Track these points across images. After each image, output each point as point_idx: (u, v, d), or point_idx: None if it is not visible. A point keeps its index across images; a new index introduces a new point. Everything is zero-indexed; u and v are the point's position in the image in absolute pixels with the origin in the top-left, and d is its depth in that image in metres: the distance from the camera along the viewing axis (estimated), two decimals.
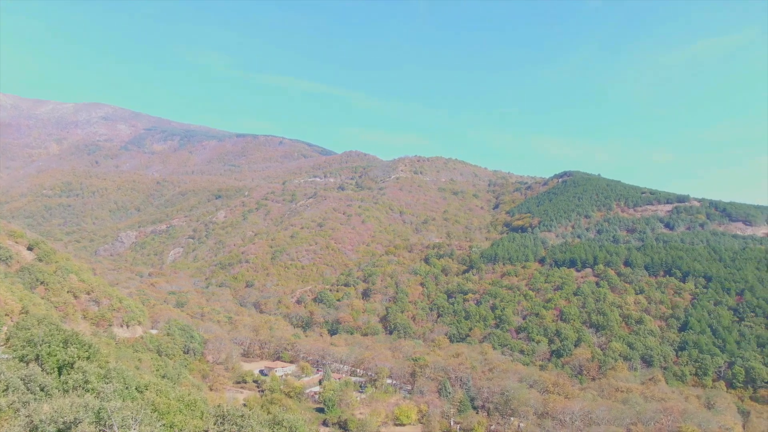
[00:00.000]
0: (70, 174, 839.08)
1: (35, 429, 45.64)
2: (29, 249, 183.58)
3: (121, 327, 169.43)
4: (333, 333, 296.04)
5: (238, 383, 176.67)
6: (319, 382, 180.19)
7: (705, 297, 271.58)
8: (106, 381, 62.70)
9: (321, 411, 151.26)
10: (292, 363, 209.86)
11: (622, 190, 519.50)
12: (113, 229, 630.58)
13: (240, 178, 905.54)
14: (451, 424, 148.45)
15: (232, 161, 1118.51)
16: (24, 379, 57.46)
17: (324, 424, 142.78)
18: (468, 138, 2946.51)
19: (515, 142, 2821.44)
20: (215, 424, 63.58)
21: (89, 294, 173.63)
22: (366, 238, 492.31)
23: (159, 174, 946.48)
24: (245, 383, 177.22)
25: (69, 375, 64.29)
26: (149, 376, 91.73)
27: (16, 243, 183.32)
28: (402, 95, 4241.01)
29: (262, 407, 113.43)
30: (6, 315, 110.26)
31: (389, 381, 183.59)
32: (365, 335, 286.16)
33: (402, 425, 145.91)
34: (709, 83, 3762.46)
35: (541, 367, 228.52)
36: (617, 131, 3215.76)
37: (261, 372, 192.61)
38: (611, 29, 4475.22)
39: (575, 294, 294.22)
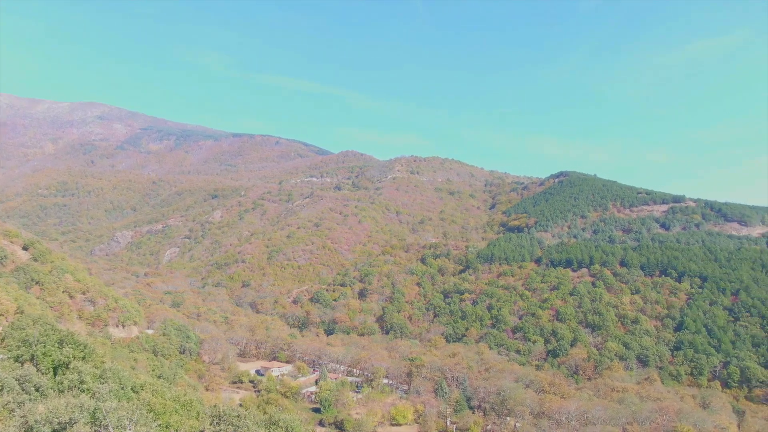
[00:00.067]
0: (65, 173, 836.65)
1: (30, 429, 45.52)
2: (24, 249, 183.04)
3: (117, 327, 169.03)
4: (329, 333, 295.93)
5: (234, 383, 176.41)
6: (316, 382, 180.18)
7: (700, 297, 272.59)
8: (101, 381, 62.58)
9: (317, 411, 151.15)
10: (288, 363, 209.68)
11: (618, 190, 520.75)
12: (109, 229, 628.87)
13: (236, 177, 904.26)
14: (448, 424, 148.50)
15: (228, 161, 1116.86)
16: (19, 380, 57.30)
17: (320, 424, 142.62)
18: (465, 138, 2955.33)
19: (512, 142, 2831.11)
20: (211, 424, 63.52)
21: (85, 294, 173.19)
22: (362, 238, 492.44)
23: (155, 174, 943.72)
24: (241, 383, 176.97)
25: (64, 375, 64.15)
26: (145, 376, 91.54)
27: (11, 243, 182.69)
28: (399, 95, 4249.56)
29: (258, 407, 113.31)
30: (1, 315, 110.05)
31: (386, 381, 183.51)
32: (362, 335, 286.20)
33: (398, 425, 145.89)
34: (706, 84, 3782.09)
35: (537, 367, 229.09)
36: (613, 131, 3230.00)
37: (257, 372, 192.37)
38: (608, 30, 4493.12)
39: (571, 294, 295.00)
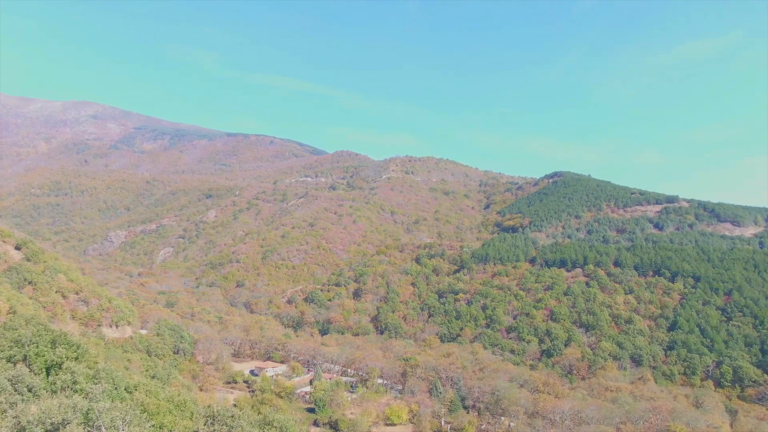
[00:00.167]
0: (58, 173, 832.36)
1: (23, 430, 45.24)
2: (17, 248, 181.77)
3: (111, 327, 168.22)
4: (324, 333, 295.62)
5: (228, 383, 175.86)
6: (310, 382, 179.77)
7: (693, 297, 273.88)
8: (94, 382, 62.24)
9: (312, 411, 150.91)
10: (282, 363, 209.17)
11: (612, 190, 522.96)
12: (102, 229, 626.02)
13: (231, 177, 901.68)
14: (442, 423, 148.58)
15: (222, 161, 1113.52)
16: (11, 380, 56.91)
17: (315, 424, 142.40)
18: (459, 138, 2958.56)
19: (506, 142, 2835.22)
20: (205, 424, 63.32)
21: (78, 294, 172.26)
22: (357, 238, 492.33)
23: (149, 173, 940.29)
24: (235, 383, 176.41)
25: (57, 376, 63.77)
26: (138, 376, 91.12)
27: (3, 242, 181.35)
28: (394, 95, 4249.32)
29: (252, 407, 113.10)
30: None
31: (380, 381, 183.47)
32: (356, 335, 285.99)
33: (393, 425, 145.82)
34: (699, 85, 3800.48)
35: (532, 367, 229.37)
36: (607, 132, 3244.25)
37: (251, 372, 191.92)
38: (602, 30, 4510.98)
39: (565, 294, 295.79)
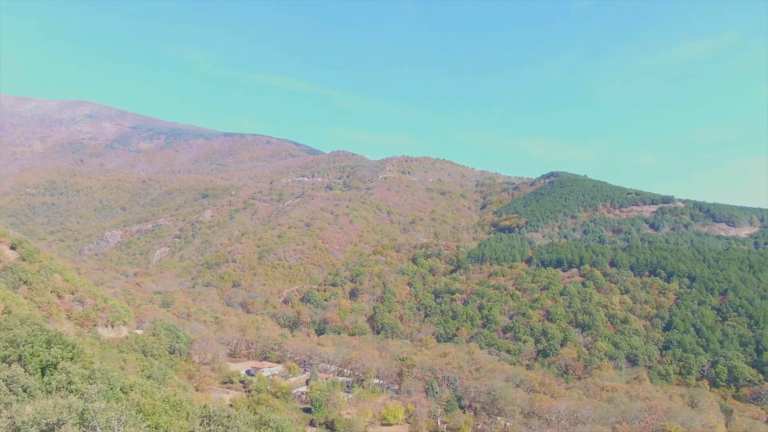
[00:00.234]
0: (54, 172, 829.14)
1: (18, 430, 45.08)
2: (12, 248, 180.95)
3: (106, 327, 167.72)
4: (320, 333, 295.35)
5: (224, 383, 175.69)
6: (306, 382, 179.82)
7: (689, 297, 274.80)
8: (90, 382, 62.10)
9: (308, 411, 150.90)
10: (279, 363, 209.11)
11: (608, 190, 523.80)
12: (98, 229, 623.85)
13: (227, 177, 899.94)
14: (438, 423, 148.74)
15: (219, 160, 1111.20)
16: (6, 380, 56.68)
17: (311, 424, 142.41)
18: (456, 138, 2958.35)
19: (503, 142, 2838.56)
20: (201, 424, 63.19)
21: (73, 294, 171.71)
22: (353, 237, 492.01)
23: (145, 173, 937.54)
24: (232, 383, 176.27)
25: (52, 376, 63.56)
26: (134, 376, 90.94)
27: None
28: (390, 95, 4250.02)
29: (248, 407, 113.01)
30: None
31: (376, 381, 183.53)
32: (352, 335, 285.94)
33: (389, 425, 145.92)
34: (694, 85, 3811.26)
35: (528, 367, 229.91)
36: (603, 132, 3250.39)
37: (248, 372, 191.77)
38: (598, 31, 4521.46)
39: (561, 294, 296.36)
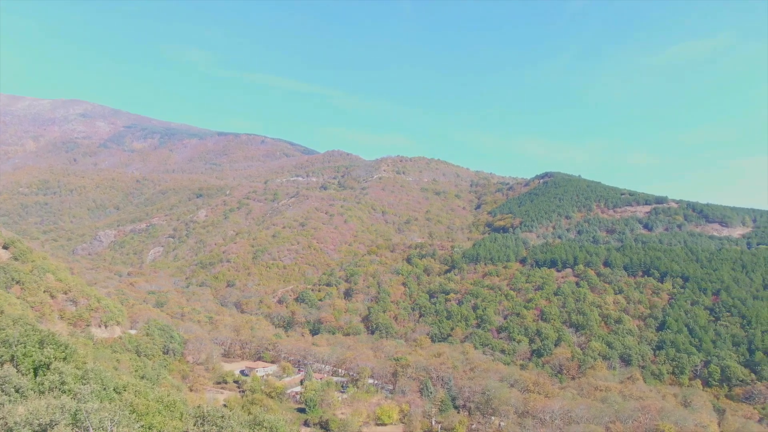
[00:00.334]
0: (47, 172, 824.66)
1: (10, 431, 44.78)
2: (5, 248, 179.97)
3: (99, 327, 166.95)
4: (315, 333, 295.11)
5: (218, 384, 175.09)
6: (301, 382, 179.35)
7: (682, 297, 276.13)
8: (83, 382, 61.78)
9: (302, 411, 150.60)
10: (273, 363, 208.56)
11: (602, 191, 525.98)
12: (91, 228, 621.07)
13: (221, 177, 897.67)
14: (433, 423, 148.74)
15: (213, 160, 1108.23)
16: None
17: (305, 424, 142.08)
18: (451, 138, 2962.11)
19: (498, 142, 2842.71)
20: (195, 425, 63.02)
21: (66, 294, 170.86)
22: (348, 237, 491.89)
23: (139, 172, 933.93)
24: (226, 384, 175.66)
25: (45, 376, 63.21)
26: (128, 377, 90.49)
27: None
28: (385, 95, 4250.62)
29: (242, 408, 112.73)
30: None
31: (371, 381, 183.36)
32: (347, 335, 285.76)
33: (383, 425, 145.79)
34: (689, 86, 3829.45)
35: (522, 367, 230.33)
36: (597, 133, 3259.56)
37: (242, 372, 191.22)
38: (593, 32, 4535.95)
39: (555, 294, 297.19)
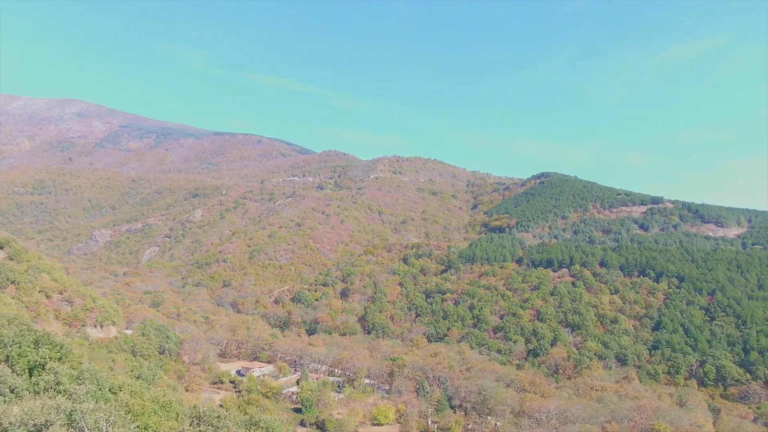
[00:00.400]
0: (42, 171, 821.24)
1: (5, 431, 44.62)
2: (0, 247, 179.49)
3: (95, 327, 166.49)
4: (311, 333, 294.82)
5: (214, 384, 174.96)
6: (297, 382, 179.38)
7: (678, 297, 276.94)
8: (78, 382, 61.61)
9: (299, 411, 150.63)
10: (269, 363, 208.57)
11: (598, 191, 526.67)
12: (87, 228, 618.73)
13: (217, 176, 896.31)
14: (429, 423, 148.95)
15: (209, 159, 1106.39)
16: None
17: (301, 424, 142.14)
18: (447, 139, 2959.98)
19: (494, 143, 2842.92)
20: (191, 425, 62.92)
21: (62, 294, 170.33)
22: (345, 237, 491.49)
23: (135, 172, 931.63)
24: (222, 384, 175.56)
25: (40, 376, 63.01)
26: (123, 377, 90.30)
27: None
28: (382, 95, 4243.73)
29: (238, 408, 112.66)
30: None
31: (367, 381, 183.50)
32: (343, 335, 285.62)
33: (380, 425, 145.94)
34: (684, 87, 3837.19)
35: (518, 367, 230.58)
36: (594, 133, 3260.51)
37: (238, 372, 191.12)
38: (589, 33, 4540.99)
39: (552, 294, 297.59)
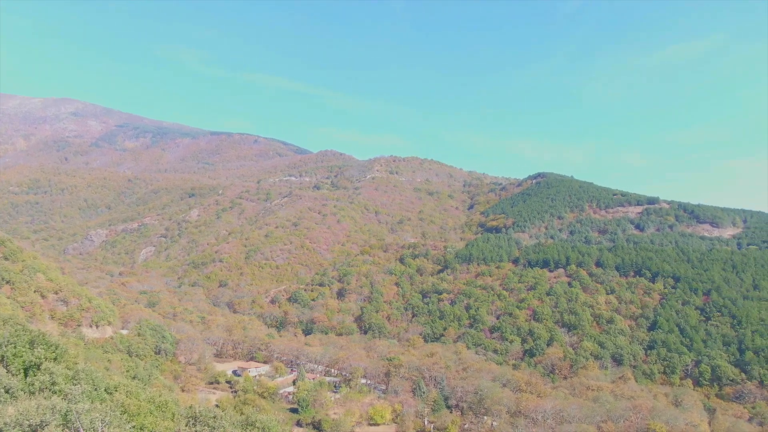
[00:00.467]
0: (38, 171, 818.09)
1: None
2: None
3: (91, 327, 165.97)
4: (307, 333, 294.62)
5: (210, 384, 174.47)
6: (293, 382, 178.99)
7: (673, 297, 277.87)
8: (74, 382, 61.36)
9: (295, 411, 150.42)
10: (265, 363, 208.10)
11: (594, 191, 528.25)
12: (83, 228, 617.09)
13: (214, 176, 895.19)
14: (425, 423, 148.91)
15: (205, 159, 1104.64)
16: None
17: (298, 424, 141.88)
18: (444, 139, 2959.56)
19: (490, 143, 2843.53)
20: (187, 425, 62.79)
21: (57, 293, 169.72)
22: (341, 237, 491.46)
23: (131, 171, 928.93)
24: (218, 384, 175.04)
25: (35, 376, 62.73)
26: (119, 377, 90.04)
27: None
28: (379, 95, 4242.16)
29: (235, 408, 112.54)
30: None
31: (364, 381, 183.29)
32: (340, 335, 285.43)
33: (376, 425, 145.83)
34: (680, 88, 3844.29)
35: (514, 367, 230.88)
36: (590, 133, 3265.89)
37: (234, 372, 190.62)
38: (585, 33, 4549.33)
39: (548, 294, 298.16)
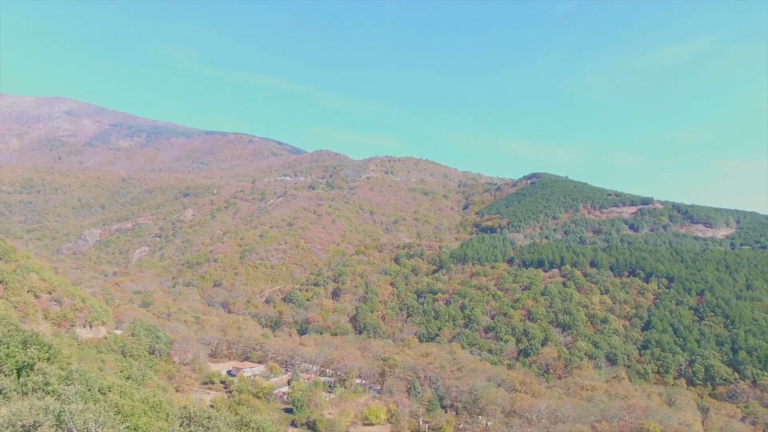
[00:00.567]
0: (31, 170, 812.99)
1: None
2: None
3: (84, 327, 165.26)
4: (302, 333, 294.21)
5: (205, 384, 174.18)
6: (288, 382, 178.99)
7: (667, 297, 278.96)
8: (67, 383, 61.08)
9: (290, 411, 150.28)
10: (260, 363, 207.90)
11: (588, 192, 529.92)
12: (76, 227, 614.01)
13: (208, 176, 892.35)
14: (420, 423, 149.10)
15: (200, 159, 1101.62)
16: None
17: (292, 424, 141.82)
18: (439, 139, 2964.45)
19: (486, 143, 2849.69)
20: (181, 425, 62.62)
21: (51, 293, 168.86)
22: (336, 237, 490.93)
23: (125, 171, 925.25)
24: (212, 384, 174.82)
25: (29, 377, 62.41)
26: (113, 377, 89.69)
27: None
28: (374, 95, 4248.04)
29: (229, 408, 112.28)
30: None
31: (358, 381, 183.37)
32: (335, 335, 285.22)
33: (371, 425, 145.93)
34: (674, 88, 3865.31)
35: (509, 366, 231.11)
36: (585, 134, 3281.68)
37: (229, 372, 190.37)
38: (580, 34, 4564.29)
39: (542, 294, 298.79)
